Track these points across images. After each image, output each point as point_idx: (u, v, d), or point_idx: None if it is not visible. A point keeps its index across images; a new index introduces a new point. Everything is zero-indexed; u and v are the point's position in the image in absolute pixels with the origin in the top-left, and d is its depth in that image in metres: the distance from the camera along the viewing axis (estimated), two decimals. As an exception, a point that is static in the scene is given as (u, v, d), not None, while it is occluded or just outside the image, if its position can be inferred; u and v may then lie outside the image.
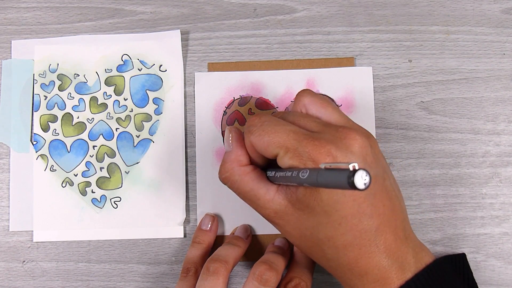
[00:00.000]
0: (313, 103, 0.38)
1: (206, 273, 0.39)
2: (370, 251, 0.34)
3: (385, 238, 0.34)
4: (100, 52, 0.48)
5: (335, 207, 0.33)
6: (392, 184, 0.36)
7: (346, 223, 0.33)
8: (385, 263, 0.34)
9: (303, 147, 0.33)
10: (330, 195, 0.33)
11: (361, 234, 0.34)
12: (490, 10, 0.48)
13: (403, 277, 0.34)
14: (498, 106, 0.47)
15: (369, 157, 0.35)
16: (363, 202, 0.33)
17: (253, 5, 0.49)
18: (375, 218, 0.34)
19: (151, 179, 0.47)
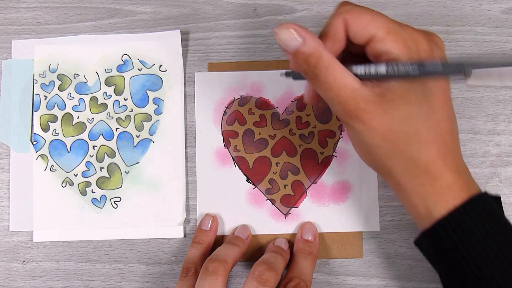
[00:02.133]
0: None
1: (205, 273, 0.39)
2: (446, 153, 0.34)
3: (455, 146, 0.35)
4: (100, 52, 0.48)
5: (429, 99, 0.34)
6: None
7: (435, 117, 0.34)
8: (456, 169, 0.34)
9: (405, 31, 0.33)
10: (430, 86, 0.34)
11: (442, 133, 0.34)
12: (490, 10, 0.48)
13: (469, 192, 0.34)
14: (498, 106, 0.47)
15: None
16: (449, 100, 0.35)
17: (253, 5, 0.49)
18: (451, 122, 0.35)
19: (151, 179, 0.47)
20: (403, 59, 0.33)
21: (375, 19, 0.33)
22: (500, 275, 0.33)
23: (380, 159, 0.35)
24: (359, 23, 0.33)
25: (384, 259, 0.46)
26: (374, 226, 0.46)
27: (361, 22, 0.33)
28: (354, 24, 0.34)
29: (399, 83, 0.33)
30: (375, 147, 0.34)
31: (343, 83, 0.33)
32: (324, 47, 0.34)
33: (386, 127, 0.34)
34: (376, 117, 0.34)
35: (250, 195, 0.47)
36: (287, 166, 0.47)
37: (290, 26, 0.33)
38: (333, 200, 0.46)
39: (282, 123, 0.47)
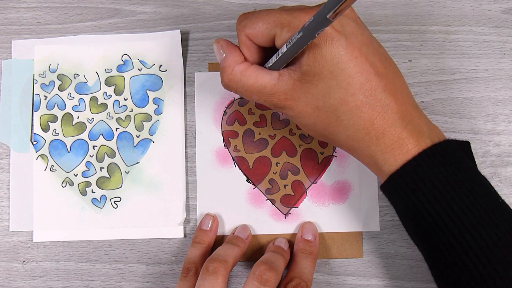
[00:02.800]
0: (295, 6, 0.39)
1: (205, 273, 0.39)
2: (383, 111, 0.35)
3: (395, 99, 0.35)
4: (100, 52, 0.48)
5: (340, 66, 0.34)
6: (387, 54, 0.37)
7: (354, 82, 0.34)
8: (399, 123, 0.35)
9: (297, 17, 0.35)
10: (333, 54, 0.34)
11: (370, 93, 0.35)
12: (490, 10, 0.48)
13: (420, 144, 0.35)
14: (498, 106, 0.47)
15: (358, 20, 0.37)
16: (364, 61, 0.35)
17: (253, 5, 0.49)
18: (380, 78, 0.35)
19: (151, 179, 0.47)
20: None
21: (267, 21, 0.36)
22: (453, 221, 0.34)
23: (322, 133, 0.37)
24: (256, 32, 0.36)
25: (384, 259, 0.46)
26: (374, 226, 0.46)
27: (257, 31, 0.36)
28: (254, 36, 0.37)
29: (309, 62, 0.35)
30: (312, 125, 0.37)
31: (260, 85, 0.37)
32: (240, 59, 0.38)
33: (312, 106, 0.36)
34: (300, 101, 0.36)
35: (250, 195, 0.47)
36: (287, 166, 0.47)
37: (219, 42, 0.39)
38: (333, 200, 0.46)
39: (282, 123, 0.47)
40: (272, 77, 0.36)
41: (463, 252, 0.33)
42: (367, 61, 0.35)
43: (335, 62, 0.34)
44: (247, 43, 0.37)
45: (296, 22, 0.35)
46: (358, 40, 0.35)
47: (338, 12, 0.29)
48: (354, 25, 0.35)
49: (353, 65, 0.34)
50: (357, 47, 0.35)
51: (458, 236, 0.34)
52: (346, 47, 0.34)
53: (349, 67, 0.34)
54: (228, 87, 0.38)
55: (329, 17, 0.30)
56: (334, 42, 0.34)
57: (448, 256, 0.34)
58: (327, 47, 0.34)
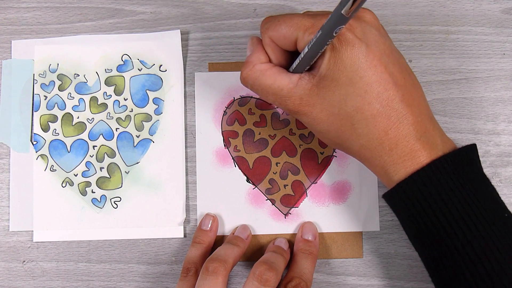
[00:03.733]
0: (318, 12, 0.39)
1: (205, 273, 0.39)
2: (398, 121, 0.35)
3: (411, 110, 0.35)
4: (100, 52, 0.48)
5: (358, 74, 0.34)
6: (408, 65, 0.37)
7: (372, 90, 0.34)
8: (413, 135, 0.35)
9: (319, 21, 0.35)
10: (352, 60, 0.34)
11: (387, 103, 0.35)
12: (490, 10, 0.48)
13: (432, 157, 0.35)
14: (498, 106, 0.47)
15: (382, 29, 0.37)
16: (384, 71, 0.35)
17: (253, 5, 0.49)
18: (398, 88, 0.35)
19: (151, 179, 0.47)
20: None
21: (290, 24, 0.36)
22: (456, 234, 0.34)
23: (335, 141, 0.37)
24: (279, 35, 0.37)
25: (384, 259, 0.46)
26: (374, 226, 0.46)
27: (280, 34, 0.36)
28: (277, 38, 0.37)
29: (329, 66, 0.35)
30: (326, 131, 0.37)
31: (278, 86, 0.37)
32: (265, 59, 0.38)
33: (328, 112, 0.36)
34: (315, 107, 0.36)
35: (250, 195, 0.47)
36: (287, 166, 0.47)
37: (253, 39, 0.39)
38: (333, 200, 0.46)
39: (282, 123, 0.47)
40: (291, 80, 0.36)
41: (464, 266, 0.34)
42: (386, 71, 0.35)
43: (354, 69, 0.34)
44: (271, 45, 0.38)
45: (318, 24, 0.35)
46: (379, 49, 0.35)
47: (353, 8, 0.29)
48: (376, 34, 0.35)
49: (372, 74, 0.34)
50: (377, 55, 0.35)
51: (461, 250, 0.34)
52: (367, 55, 0.34)
53: (367, 75, 0.34)
54: (245, 82, 0.38)
55: (344, 13, 0.30)
56: (355, 49, 0.34)
57: (449, 268, 0.34)
58: (348, 52, 0.34)
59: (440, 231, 0.34)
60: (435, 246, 0.35)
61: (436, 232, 0.34)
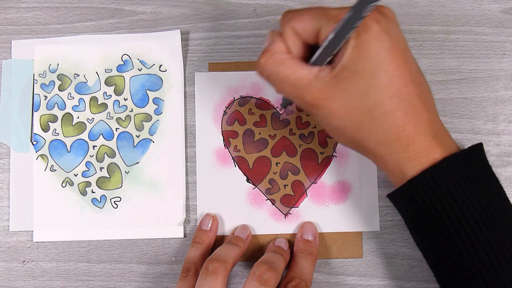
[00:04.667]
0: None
1: (205, 273, 0.39)
2: (415, 117, 0.35)
3: (426, 109, 0.35)
4: (100, 52, 0.48)
5: (381, 66, 0.34)
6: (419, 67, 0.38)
7: (393, 84, 0.34)
8: (429, 132, 0.35)
9: (344, 11, 0.34)
10: (378, 52, 0.34)
11: (406, 98, 0.34)
12: (490, 10, 0.48)
13: (446, 153, 0.35)
14: (498, 106, 0.47)
15: (399, 26, 0.36)
16: (404, 66, 0.34)
17: (253, 5, 0.49)
18: (416, 85, 0.35)
19: (151, 179, 0.47)
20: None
21: (315, 14, 0.35)
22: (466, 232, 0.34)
23: (352, 137, 0.36)
24: (303, 25, 0.36)
25: (384, 259, 0.46)
26: (374, 226, 0.46)
27: (304, 23, 0.36)
28: (300, 28, 0.36)
29: (353, 56, 0.34)
30: (343, 127, 0.36)
31: (297, 77, 0.35)
32: (285, 49, 0.36)
33: (348, 106, 0.35)
34: (335, 100, 0.35)
35: (250, 195, 0.47)
36: (287, 166, 0.47)
37: (274, 31, 0.37)
38: (333, 200, 0.46)
39: (282, 123, 0.47)
40: (311, 72, 0.35)
41: (472, 263, 0.34)
42: (406, 66, 0.35)
43: (378, 61, 0.34)
44: (292, 36, 0.36)
45: (342, 14, 0.34)
46: (400, 45, 0.35)
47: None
48: (397, 30, 0.35)
49: (394, 67, 0.34)
50: (400, 50, 0.34)
51: (470, 247, 0.34)
52: (391, 48, 0.34)
53: (390, 68, 0.34)
54: (261, 69, 0.37)
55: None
56: (380, 42, 0.34)
57: (455, 266, 0.34)
58: (372, 44, 0.34)
59: (449, 229, 0.34)
60: (443, 244, 0.35)
61: (446, 229, 0.34)
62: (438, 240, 0.35)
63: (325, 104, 0.35)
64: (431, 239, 0.36)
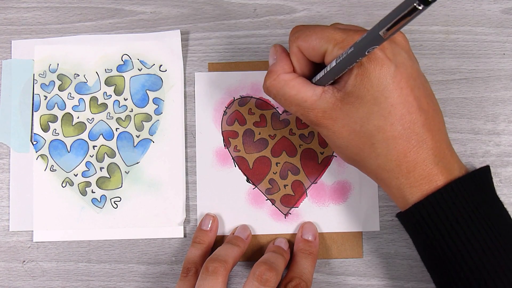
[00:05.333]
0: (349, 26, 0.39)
1: (205, 273, 0.39)
2: (418, 145, 0.35)
3: (431, 135, 0.35)
4: (100, 52, 0.48)
5: (384, 94, 0.34)
6: (431, 90, 0.37)
7: (395, 112, 0.34)
8: (432, 159, 0.35)
9: (352, 37, 0.34)
10: (380, 80, 0.34)
11: (409, 126, 0.35)
12: (490, 10, 0.48)
13: (448, 178, 0.35)
14: (498, 106, 0.47)
15: (411, 52, 0.36)
16: (409, 93, 0.34)
17: (253, 5, 0.49)
18: (421, 113, 0.35)
19: (151, 179, 0.47)
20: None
21: (321, 36, 0.36)
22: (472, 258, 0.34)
23: (353, 158, 0.37)
24: (308, 45, 0.36)
25: (384, 259, 0.46)
26: (374, 226, 0.46)
27: (310, 44, 0.36)
28: (305, 49, 0.37)
29: (355, 83, 0.34)
30: (344, 147, 0.37)
31: (301, 97, 0.36)
32: (289, 68, 0.38)
33: (349, 128, 0.36)
34: (337, 121, 0.36)
35: (250, 195, 0.47)
36: (287, 166, 0.47)
37: (276, 47, 0.39)
38: (333, 200, 0.46)
39: (282, 123, 0.47)
40: (315, 92, 0.36)
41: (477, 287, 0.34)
42: (412, 94, 0.35)
43: (380, 89, 0.34)
44: (298, 55, 0.38)
45: (349, 40, 0.34)
46: (407, 72, 0.35)
47: (391, 31, 0.29)
48: (406, 56, 0.35)
49: (398, 95, 0.34)
50: (405, 78, 0.34)
51: (475, 271, 0.34)
52: (394, 76, 0.34)
53: (393, 96, 0.34)
54: (268, 91, 0.38)
55: (382, 35, 0.29)
56: (384, 69, 0.34)
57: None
58: (376, 72, 0.34)
59: (455, 253, 0.34)
60: (449, 267, 0.35)
61: (451, 254, 0.35)
62: (444, 263, 0.35)
63: (328, 124, 0.36)
64: (438, 262, 0.36)
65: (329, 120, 0.36)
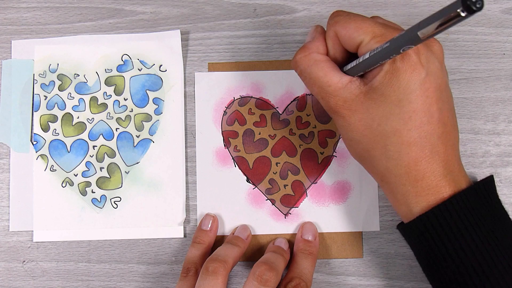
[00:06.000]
0: (389, 22, 0.39)
1: (205, 273, 0.39)
2: (430, 155, 0.35)
3: (445, 148, 0.35)
4: (100, 52, 0.48)
5: (409, 98, 0.34)
6: (453, 106, 0.37)
7: (416, 118, 0.34)
8: (441, 171, 0.35)
9: (391, 33, 0.34)
10: (408, 83, 0.34)
11: (426, 135, 0.34)
12: (490, 10, 0.48)
13: (454, 190, 0.35)
14: (498, 106, 0.47)
15: (443, 63, 0.36)
16: (434, 103, 0.34)
17: (253, 5, 0.49)
18: (441, 125, 0.35)
19: (151, 179, 0.47)
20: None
21: (360, 26, 0.35)
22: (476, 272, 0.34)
23: (362, 154, 0.37)
24: (346, 33, 0.36)
25: (384, 259, 0.46)
26: (374, 226, 0.46)
27: (347, 32, 0.36)
28: (342, 35, 0.36)
29: (383, 81, 0.34)
30: (356, 141, 0.36)
31: (326, 81, 0.36)
32: (323, 50, 0.37)
33: (366, 124, 0.35)
34: (356, 114, 0.35)
35: (250, 195, 0.47)
36: (287, 166, 0.47)
37: (318, 27, 0.38)
38: (333, 200, 0.46)
39: (282, 123, 0.47)
40: (342, 80, 0.36)
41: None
42: (436, 104, 0.34)
43: (407, 92, 0.34)
44: (334, 39, 0.37)
45: (387, 36, 0.34)
46: (436, 82, 0.34)
47: (430, 33, 0.28)
48: (438, 66, 0.35)
49: (422, 103, 0.34)
50: (433, 86, 0.34)
51: (479, 285, 0.34)
52: (423, 83, 0.34)
53: (417, 102, 0.34)
54: (296, 65, 0.38)
55: (420, 35, 0.29)
56: (415, 73, 0.33)
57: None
58: (407, 74, 0.34)
59: (458, 266, 0.34)
60: (451, 280, 0.35)
61: (455, 266, 0.34)
62: (448, 275, 0.35)
63: (346, 114, 0.36)
64: (440, 274, 0.36)
65: (348, 111, 0.36)
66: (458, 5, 0.26)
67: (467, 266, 0.34)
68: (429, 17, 0.28)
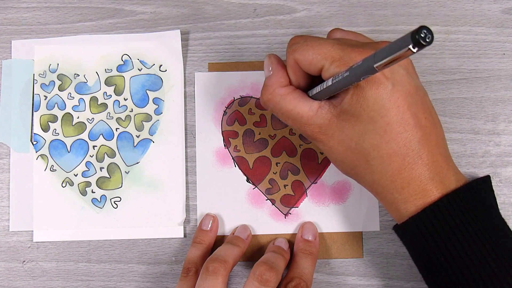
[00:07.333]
0: (347, 34, 0.39)
1: (205, 273, 0.39)
2: (413, 162, 0.35)
3: (428, 151, 0.35)
4: (100, 52, 0.48)
5: (380, 113, 0.34)
6: (431, 103, 0.37)
7: (391, 130, 0.34)
8: (427, 175, 0.35)
9: (349, 54, 0.34)
10: (376, 100, 0.34)
11: (405, 143, 0.34)
12: (490, 10, 0.48)
13: (443, 192, 0.35)
14: (498, 106, 0.47)
15: (410, 67, 0.36)
16: (406, 111, 0.34)
17: (253, 5, 0.49)
18: (418, 129, 0.35)
19: (151, 179, 0.47)
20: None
21: (318, 52, 0.35)
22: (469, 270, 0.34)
23: (348, 171, 0.38)
24: (305, 60, 0.36)
25: (384, 259, 0.46)
26: (374, 226, 0.46)
27: (307, 58, 0.36)
28: (302, 63, 0.36)
29: (351, 102, 0.34)
30: (340, 162, 0.37)
31: (297, 113, 0.37)
32: (285, 81, 0.38)
33: (345, 145, 0.36)
34: (333, 137, 0.36)
35: (250, 195, 0.47)
36: (287, 166, 0.47)
37: (271, 57, 0.39)
38: (333, 200, 0.46)
39: (282, 123, 0.47)
40: (311, 108, 0.36)
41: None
42: (409, 111, 0.34)
43: (376, 108, 0.34)
44: (294, 67, 0.37)
45: (346, 59, 0.34)
46: (404, 89, 0.34)
47: (384, 65, 0.29)
48: (404, 74, 0.35)
49: (394, 114, 0.34)
50: (402, 95, 0.34)
51: (472, 284, 0.34)
52: (391, 95, 0.34)
53: (389, 114, 0.34)
54: (266, 105, 0.38)
55: (376, 68, 0.29)
56: (380, 88, 0.34)
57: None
58: (372, 91, 0.34)
59: (451, 265, 0.34)
60: (446, 279, 0.35)
61: (448, 266, 0.35)
62: (442, 275, 0.35)
63: (324, 139, 0.37)
64: (435, 274, 0.36)
65: (325, 136, 0.36)
66: (408, 41, 0.26)
67: (460, 266, 0.34)
68: (384, 49, 0.28)
